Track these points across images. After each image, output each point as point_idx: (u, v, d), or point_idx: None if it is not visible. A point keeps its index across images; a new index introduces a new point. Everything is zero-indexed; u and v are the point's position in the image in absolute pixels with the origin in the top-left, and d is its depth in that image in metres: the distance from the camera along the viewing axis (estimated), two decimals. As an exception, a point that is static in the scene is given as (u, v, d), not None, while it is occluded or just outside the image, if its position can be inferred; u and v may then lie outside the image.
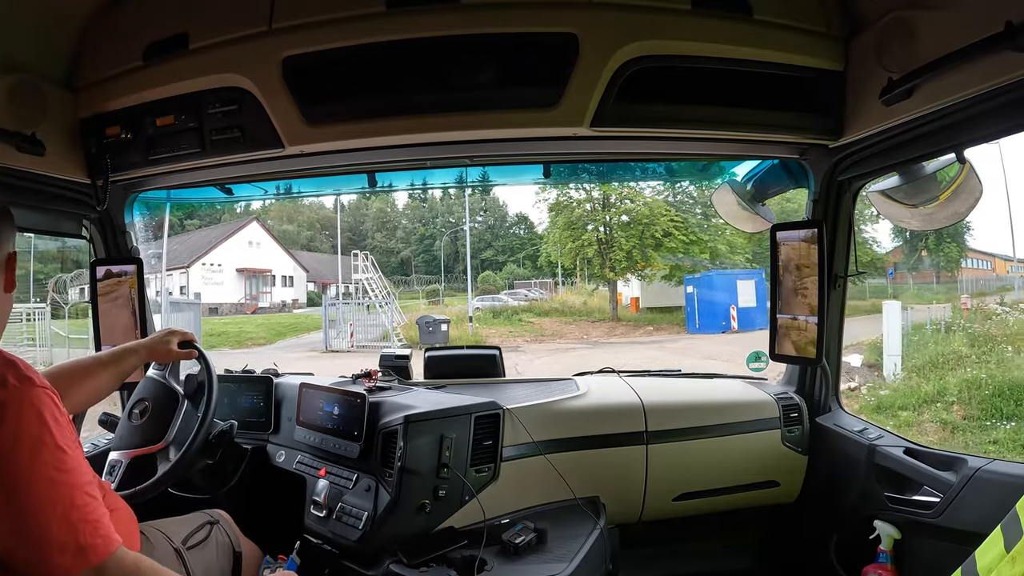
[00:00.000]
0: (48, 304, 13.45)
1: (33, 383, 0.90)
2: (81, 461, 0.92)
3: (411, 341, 15.07)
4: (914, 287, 17.30)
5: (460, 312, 18.72)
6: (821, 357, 1.85)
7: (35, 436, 0.87)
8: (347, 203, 38.04)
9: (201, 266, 25.44)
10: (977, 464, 1.47)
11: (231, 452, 1.72)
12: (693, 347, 13.43)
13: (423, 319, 15.73)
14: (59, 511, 0.86)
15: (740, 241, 18.11)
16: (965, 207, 1.46)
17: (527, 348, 14.58)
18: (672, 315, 18.10)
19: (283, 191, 2.28)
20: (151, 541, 1.27)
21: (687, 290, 17.17)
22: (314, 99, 1.53)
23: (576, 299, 22.70)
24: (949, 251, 18.06)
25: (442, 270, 35.22)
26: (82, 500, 0.89)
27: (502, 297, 25.52)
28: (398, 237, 40.33)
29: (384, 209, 40.82)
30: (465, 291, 23.61)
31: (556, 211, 20.02)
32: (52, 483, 0.87)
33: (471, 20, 1.45)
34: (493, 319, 19.28)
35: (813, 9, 1.52)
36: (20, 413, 0.87)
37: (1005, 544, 0.83)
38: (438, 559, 1.46)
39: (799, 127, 1.64)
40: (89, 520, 0.88)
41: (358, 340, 15.63)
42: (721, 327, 15.63)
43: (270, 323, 20.21)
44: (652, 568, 2.09)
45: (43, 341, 12.27)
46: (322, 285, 31.31)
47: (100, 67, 1.64)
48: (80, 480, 0.90)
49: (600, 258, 18.81)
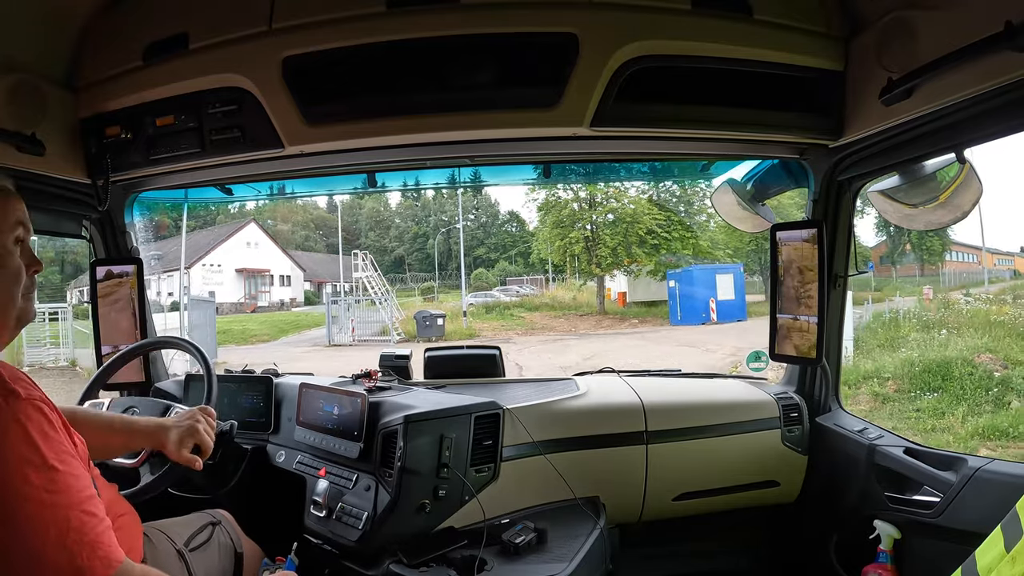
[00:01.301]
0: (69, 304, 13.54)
1: (18, 396, 0.85)
2: (78, 476, 0.87)
3: (409, 335, 16.17)
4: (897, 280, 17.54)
5: (455, 308, 19.46)
6: (821, 357, 1.85)
7: (22, 457, 0.82)
8: (340, 203, 38.60)
9: (201, 266, 25.67)
10: (977, 464, 1.47)
11: (231, 452, 1.72)
12: (671, 336, 14.52)
13: (420, 314, 16.53)
14: (53, 535, 0.81)
15: (722, 237, 19.54)
16: (965, 207, 1.46)
17: (518, 340, 15.42)
18: (657, 309, 18.98)
19: (282, 191, 2.28)
20: (153, 542, 1.26)
21: (669, 284, 18.09)
22: (314, 99, 1.53)
23: (566, 294, 23.49)
24: (931, 245, 18.29)
25: (436, 268, 35.57)
26: (78, 520, 0.84)
27: (494, 293, 26.26)
28: (392, 236, 40.82)
29: (377, 208, 41.28)
30: (458, 288, 24.89)
31: (545, 210, 20.98)
32: (43, 506, 0.82)
33: (471, 20, 1.45)
34: (486, 314, 20.12)
35: (813, 9, 1.52)
36: (4, 433, 0.82)
37: (1005, 544, 0.83)
38: (438, 559, 1.46)
39: (799, 127, 1.64)
40: (86, 541, 0.84)
41: (359, 335, 16.45)
42: (701, 319, 16.62)
43: (272, 321, 20.95)
44: (652, 568, 2.09)
45: (66, 341, 12.37)
46: (318, 284, 32.02)
47: (100, 67, 1.64)
48: (75, 499, 0.85)
49: (587, 255, 19.62)
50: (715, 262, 19.02)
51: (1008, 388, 6.73)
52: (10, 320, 0.99)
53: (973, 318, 9.52)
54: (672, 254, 19.41)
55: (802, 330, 1.89)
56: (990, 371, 7.09)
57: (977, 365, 7.27)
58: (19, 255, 1.00)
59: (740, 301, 17.43)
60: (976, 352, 7.74)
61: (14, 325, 1.00)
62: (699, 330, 15.28)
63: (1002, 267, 19.40)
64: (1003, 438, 5.74)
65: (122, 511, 1.15)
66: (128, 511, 1.18)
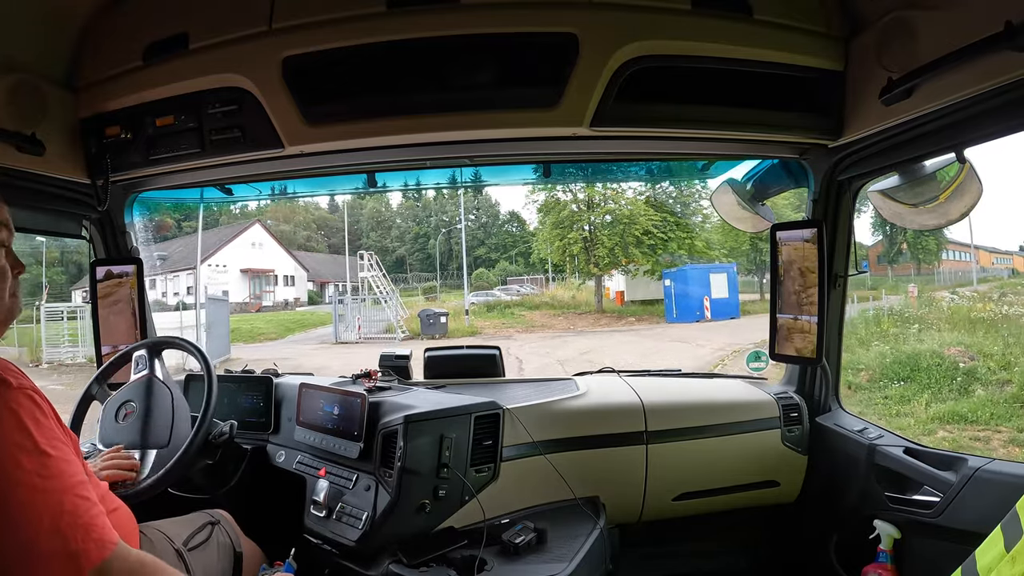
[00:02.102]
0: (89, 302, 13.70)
1: (9, 386, 0.86)
2: (70, 461, 0.89)
3: (413, 332, 17.00)
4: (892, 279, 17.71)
5: (456, 307, 20.25)
6: (821, 357, 1.85)
7: (14, 443, 0.83)
8: (342, 203, 39.26)
9: (208, 267, 26.13)
10: (977, 464, 1.47)
11: (231, 452, 1.72)
12: (665, 333, 15.30)
13: (424, 312, 17.31)
14: (47, 520, 0.82)
15: (717, 237, 20.30)
16: (965, 207, 1.46)
17: (518, 337, 16.27)
18: (654, 307, 19.60)
19: (282, 191, 2.28)
20: (152, 542, 1.26)
21: (665, 283, 18.75)
22: (314, 99, 1.53)
23: (565, 294, 24.23)
24: (927, 244, 18.45)
25: (437, 268, 35.98)
26: (71, 504, 0.84)
27: (495, 293, 26.88)
28: (393, 236, 41.27)
29: (379, 209, 41.71)
30: (459, 288, 26.11)
31: (544, 212, 21.66)
32: (36, 491, 0.83)
33: (471, 20, 1.45)
34: (488, 312, 20.85)
35: (813, 9, 1.52)
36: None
37: (1005, 544, 0.83)
38: (438, 559, 1.46)
39: (799, 127, 1.64)
40: (80, 524, 0.84)
41: (364, 333, 17.25)
42: (696, 316, 17.26)
43: (278, 320, 21.72)
44: (652, 568, 2.09)
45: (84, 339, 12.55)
46: (320, 284, 32.72)
47: (100, 67, 1.64)
48: (68, 483, 0.86)
49: (585, 255, 20.21)
50: (712, 262, 19.55)
51: (974, 378, 7.09)
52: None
53: (953, 315, 10.10)
54: (668, 254, 19.99)
55: (802, 330, 1.89)
56: (956, 362, 7.50)
57: (945, 357, 7.65)
58: (3, 257, 1.02)
59: (733, 299, 18.04)
60: (947, 345, 8.14)
61: (1, 322, 1.03)
62: (693, 327, 15.90)
63: (1000, 266, 19.46)
64: (961, 422, 6.09)
65: (113, 506, 1.15)
66: (119, 506, 1.18)
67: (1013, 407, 6.11)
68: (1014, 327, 8.65)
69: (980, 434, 5.83)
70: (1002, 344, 7.92)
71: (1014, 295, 11.87)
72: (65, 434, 0.93)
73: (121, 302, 2.04)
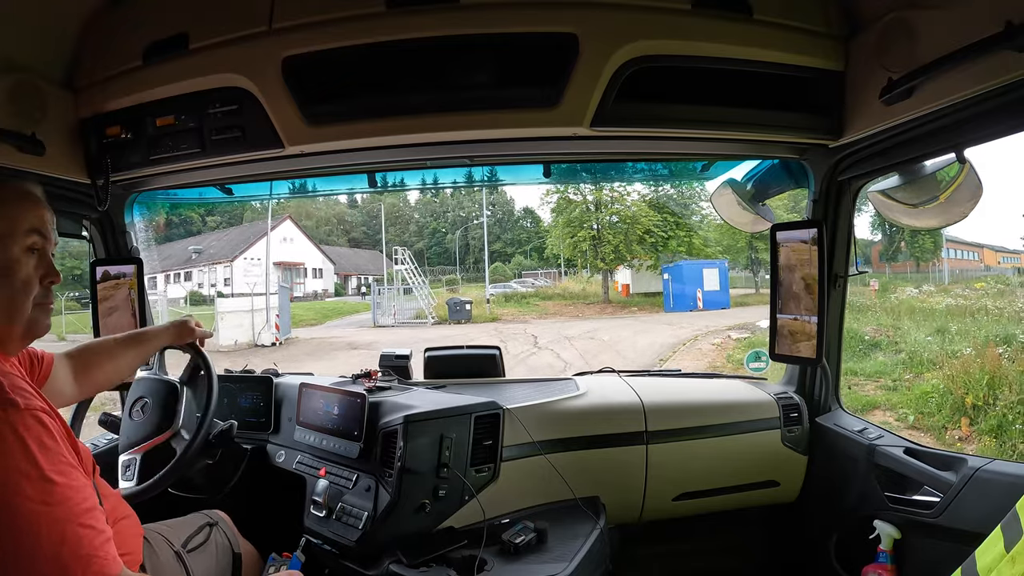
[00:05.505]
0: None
1: (17, 407, 0.84)
2: (77, 488, 0.86)
3: (442, 318, 19.69)
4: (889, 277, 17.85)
5: (477, 297, 22.46)
6: (821, 357, 1.85)
7: (17, 469, 0.81)
8: (360, 200, 41.22)
9: (243, 260, 27.94)
10: (977, 464, 1.47)
11: (231, 452, 1.72)
12: (659, 320, 17.43)
13: (452, 300, 20.23)
14: (47, 548, 0.80)
15: (714, 236, 22.27)
16: (966, 207, 1.46)
17: (533, 322, 19.13)
18: (655, 299, 21.57)
19: (283, 191, 2.28)
20: (152, 545, 1.26)
21: (664, 277, 20.85)
22: (314, 99, 1.53)
23: (576, 286, 26.50)
24: (923, 243, 18.69)
25: (457, 262, 37.62)
26: (73, 534, 0.82)
27: (512, 285, 29.62)
28: (411, 231, 42.79)
29: (397, 204, 43.08)
30: (477, 281, 29.45)
31: (557, 211, 24.04)
32: (38, 519, 0.80)
33: (471, 20, 1.44)
34: (505, 302, 23.40)
35: (813, 9, 1.52)
36: (0, 445, 0.81)
37: (1005, 544, 0.83)
38: (438, 559, 1.46)
39: (799, 127, 1.63)
40: (81, 555, 0.82)
41: (399, 318, 20.45)
42: (690, 307, 19.36)
43: (314, 308, 24.75)
44: (652, 568, 2.10)
45: None
46: (344, 276, 35.42)
47: (100, 67, 1.63)
48: (72, 511, 0.83)
49: (593, 251, 22.37)
50: (708, 259, 21.43)
51: (876, 347, 8.93)
52: (17, 330, 0.97)
53: (899, 305, 11.35)
54: (669, 252, 21.79)
55: (802, 330, 1.89)
56: (865, 337, 9.21)
57: (859, 333, 9.23)
58: (33, 265, 0.98)
59: (724, 292, 20.13)
60: (870, 326, 9.81)
61: (22, 335, 0.99)
62: (686, 315, 17.74)
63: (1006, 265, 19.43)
64: (854, 375, 7.81)
65: (124, 514, 1.15)
66: (129, 514, 1.18)
67: (895, 367, 7.95)
68: (937, 313, 10.05)
69: (859, 381, 7.73)
70: (914, 325, 9.38)
71: (971, 291, 12.49)
72: (75, 454, 0.90)
73: (121, 302, 2.04)
